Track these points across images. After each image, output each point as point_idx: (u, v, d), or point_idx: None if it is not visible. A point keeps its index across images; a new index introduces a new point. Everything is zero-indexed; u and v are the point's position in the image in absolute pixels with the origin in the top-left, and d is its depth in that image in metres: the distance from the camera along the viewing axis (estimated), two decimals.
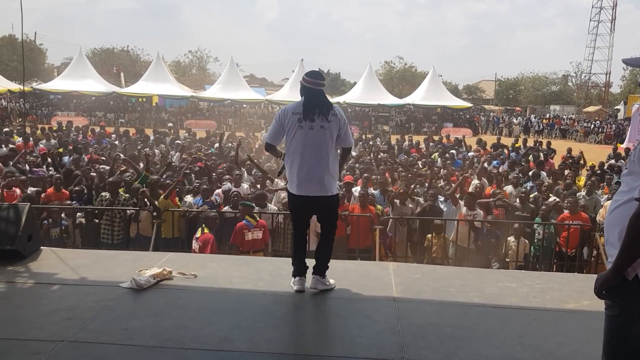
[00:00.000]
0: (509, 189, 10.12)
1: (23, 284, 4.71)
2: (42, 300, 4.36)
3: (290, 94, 37.03)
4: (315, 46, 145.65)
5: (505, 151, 16.52)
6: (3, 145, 13.46)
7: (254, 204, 7.51)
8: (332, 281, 4.65)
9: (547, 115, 47.11)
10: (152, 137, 17.15)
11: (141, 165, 9.78)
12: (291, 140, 4.41)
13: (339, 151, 4.69)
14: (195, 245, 6.87)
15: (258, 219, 7.32)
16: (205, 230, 6.88)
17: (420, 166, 12.73)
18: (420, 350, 3.61)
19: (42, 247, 5.65)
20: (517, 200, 8.91)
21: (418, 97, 39.24)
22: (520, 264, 7.82)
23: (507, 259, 7.89)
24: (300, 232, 4.77)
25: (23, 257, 5.25)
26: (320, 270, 4.58)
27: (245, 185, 9.34)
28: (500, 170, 11.91)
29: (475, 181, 10.09)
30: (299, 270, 4.56)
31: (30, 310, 4.17)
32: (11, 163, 10.19)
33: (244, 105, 39.91)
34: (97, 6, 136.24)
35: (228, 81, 37.16)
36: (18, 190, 8.13)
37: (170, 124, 27.94)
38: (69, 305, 4.20)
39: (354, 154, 15.23)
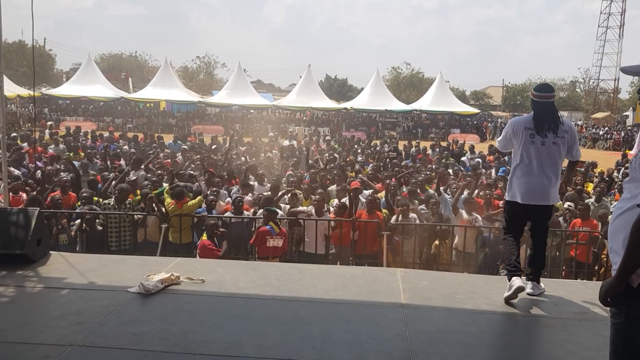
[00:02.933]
0: None
1: (32, 288, 4.74)
2: (52, 304, 4.39)
3: (298, 99, 37.16)
4: (322, 52, 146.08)
5: None
6: (12, 150, 13.52)
7: (278, 210, 7.55)
8: (542, 285, 4.81)
9: None
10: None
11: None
12: (522, 152, 4.63)
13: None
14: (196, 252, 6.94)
15: (281, 227, 7.35)
16: (203, 237, 6.91)
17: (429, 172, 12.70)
18: (429, 357, 3.59)
19: (51, 252, 5.68)
20: None
21: (425, 103, 39.19)
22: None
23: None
24: (516, 238, 4.89)
25: (32, 262, 5.29)
26: (538, 276, 4.82)
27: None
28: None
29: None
30: (517, 270, 4.66)
31: (40, 314, 4.20)
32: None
33: (251, 111, 40.05)
34: (106, 12, 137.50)
35: (235, 86, 37.25)
36: (24, 195, 8.16)
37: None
38: (78, 310, 4.22)
39: (359, 159, 15.29)
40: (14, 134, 17.74)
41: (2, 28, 6.54)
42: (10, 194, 7.59)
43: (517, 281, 4.53)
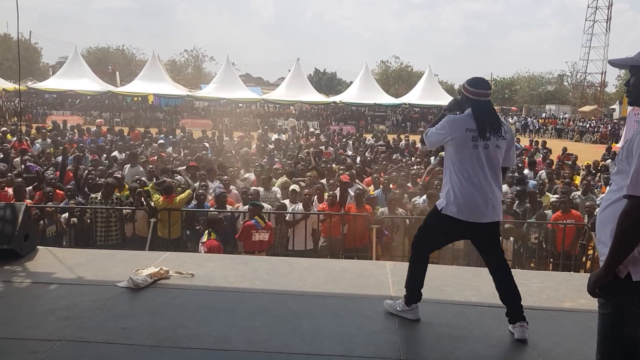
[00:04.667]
0: (504, 188, 10.15)
1: (20, 283, 4.70)
2: (39, 299, 4.36)
3: (287, 93, 37.07)
4: (311, 45, 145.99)
5: None
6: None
7: (263, 205, 7.54)
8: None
9: (543, 115, 47.22)
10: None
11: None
12: (462, 158, 3.77)
13: None
14: (201, 249, 6.80)
15: (267, 220, 7.34)
16: (213, 236, 6.85)
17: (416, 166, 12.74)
18: (418, 349, 3.63)
19: (38, 247, 5.64)
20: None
21: (414, 96, 39.29)
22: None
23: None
24: (427, 255, 4.10)
25: (20, 257, 5.25)
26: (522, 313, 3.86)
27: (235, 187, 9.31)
28: None
29: None
30: (416, 297, 4.07)
31: (28, 309, 4.17)
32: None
33: (240, 105, 39.88)
34: (92, 5, 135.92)
35: (224, 80, 37.09)
36: (10, 191, 8.09)
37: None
38: (66, 305, 4.19)
39: (349, 152, 15.30)
40: (4, 129, 17.54)
41: None
42: None
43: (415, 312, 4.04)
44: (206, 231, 6.97)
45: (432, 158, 14.48)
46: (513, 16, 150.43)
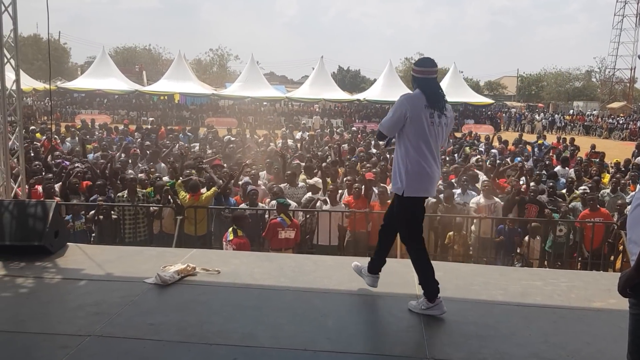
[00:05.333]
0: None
1: (51, 279, 4.80)
2: (70, 295, 4.45)
3: (311, 91, 37.05)
4: (335, 43, 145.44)
5: (528, 148, 16.36)
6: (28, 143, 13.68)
7: (290, 202, 7.58)
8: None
9: (571, 112, 46.40)
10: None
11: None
12: (419, 135, 3.86)
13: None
14: (227, 247, 6.85)
15: (293, 218, 7.37)
16: (239, 233, 6.90)
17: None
18: (444, 347, 3.60)
19: (68, 243, 5.75)
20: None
21: None
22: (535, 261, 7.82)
23: (529, 258, 7.83)
24: (423, 245, 4.12)
25: (50, 253, 5.36)
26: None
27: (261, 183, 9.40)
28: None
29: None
30: (435, 290, 4.00)
31: (58, 305, 4.27)
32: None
33: (264, 103, 40.04)
34: (120, 5, 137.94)
35: (248, 79, 37.22)
36: (40, 188, 8.25)
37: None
38: (96, 301, 4.27)
39: (374, 151, 15.23)
40: (32, 127, 17.93)
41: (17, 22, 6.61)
42: (26, 187, 7.69)
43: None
44: (230, 228, 7.02)
45: (456, 155, 14.39)
46: (540, 11, 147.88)
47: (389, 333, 3.79)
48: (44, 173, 9.18)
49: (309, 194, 8.39)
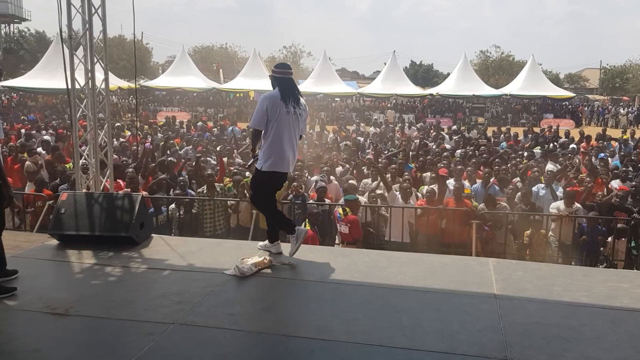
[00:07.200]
0: (615, 183, 9.51)
1: (137, 268, 5.06)
2: (154, 284, 4.67)
3: (383, 86, 36.80)
4: (407, 38, 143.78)
5: (613, 143, 15.50)
6: (115, 140, 14.45)
7: (357, 197, 7.64)
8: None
9: None
10: None
11: None
12: (277, 123, 4.91)
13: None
14: None
15: (349, 213, 7.40)
16: (307, 226, 7.01)
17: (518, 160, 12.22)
18: (525, 349, 3.48)
19: (152, 235, 6.03)
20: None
21: (516, 87, 37.51)
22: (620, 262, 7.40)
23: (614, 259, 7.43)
24: (274, 203, 5.45)
25: (136, 244, 5.64)
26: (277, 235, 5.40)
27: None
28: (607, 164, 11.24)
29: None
30: (276, 236, 5.37)
31: (144, 293, 4.48)
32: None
33: (336, 99, 40.14)
34: (197, 6, 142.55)
35: (321, 75, 37.46)
36: (122, 182, 8.68)
37: None
38: (179, 290, 4.46)
39: (447, 146, 14.94)
40: (119, 124, 18.91)
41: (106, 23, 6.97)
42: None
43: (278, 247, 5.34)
44: (305, 221, 7.18)
45: (537, 149, 13.86)
46: (625, 0, 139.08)
47: (466, 332, 3.71)
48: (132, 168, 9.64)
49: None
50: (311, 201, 8.08)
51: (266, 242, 5.40)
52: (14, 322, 3.95)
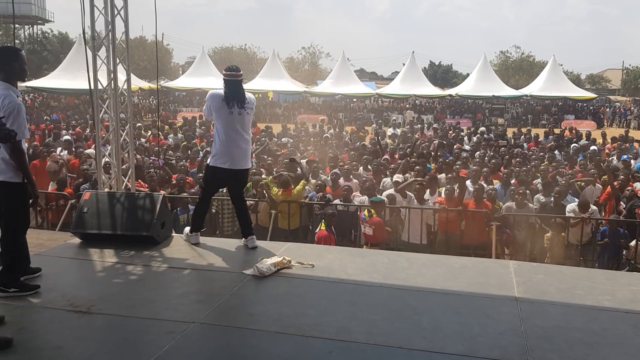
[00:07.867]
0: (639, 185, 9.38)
1: (157, 267, 5.10)
2: (175, 283, 4.71)
3: (402, 87, 36.69)
4: (426, 38, 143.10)
5: (635, 145, 15.24)
6: (137, 140, 14.59)
7: (383, 199, 7.63)
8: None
9: None
10: None
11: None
12: (222, 122, 5.29)
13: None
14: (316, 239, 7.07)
15: (374, 215, 7.38)
16: (322, 226, 7.03)
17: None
18: (546, 353, 3.44)
19: (173, 234, 6.08)
20: None
21: (536, 87, 37.14)
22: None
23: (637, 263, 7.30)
24: (210, 198, 6.01)
25: (157, 243, 5.69)
26: (250, 230, 5.70)
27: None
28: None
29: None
30: (199, 227, 5.78)
31: (165, 292, 4.52)
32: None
33: (354, 100, 40.11)
34: (217, 7, 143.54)
35: (339, 76, 37.48)
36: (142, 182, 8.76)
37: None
38: (199, 289, 4.50)
39: (467, 147, 14.83)
40: (139, 124, 19.10)
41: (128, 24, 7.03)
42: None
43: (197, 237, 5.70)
44: (322, 220, 7.22)
45: (556, 151, 13.70)
46: None
47: (486, 335, 3.68)
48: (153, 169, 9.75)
49: (391, 191, 8.34)
50: (337, 201, 8.07)
51: (187, 229, 5.82)
52: (37, 319, 4.01)
